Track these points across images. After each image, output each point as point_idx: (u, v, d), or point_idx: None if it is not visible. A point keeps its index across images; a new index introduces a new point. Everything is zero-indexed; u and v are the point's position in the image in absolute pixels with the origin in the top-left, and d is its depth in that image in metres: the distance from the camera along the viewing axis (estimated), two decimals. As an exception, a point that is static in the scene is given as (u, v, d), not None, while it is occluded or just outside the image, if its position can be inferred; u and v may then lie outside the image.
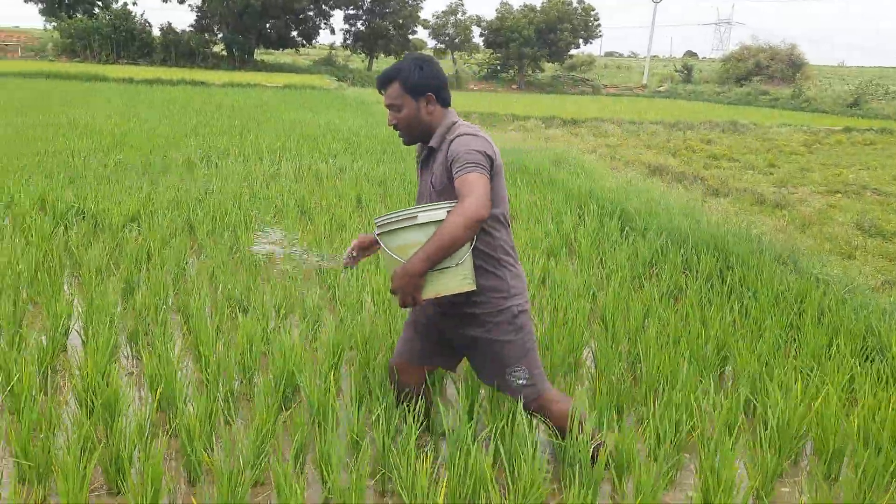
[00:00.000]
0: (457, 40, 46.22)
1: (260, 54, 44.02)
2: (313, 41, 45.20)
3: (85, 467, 2.37)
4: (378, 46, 44.24)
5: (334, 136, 11.44)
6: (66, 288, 4.18)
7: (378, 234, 2.45)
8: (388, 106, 2.59)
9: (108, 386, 2.89)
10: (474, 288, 2.45)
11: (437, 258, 2.32)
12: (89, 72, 25.64)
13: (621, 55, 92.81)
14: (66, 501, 2.29)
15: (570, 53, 45.85)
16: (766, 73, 45.00)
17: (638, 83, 48.03)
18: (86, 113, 13.24)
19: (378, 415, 2.69)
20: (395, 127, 2.60)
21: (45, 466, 2.50)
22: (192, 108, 15.51)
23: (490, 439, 2.75)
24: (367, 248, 2.81)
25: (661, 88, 44.81)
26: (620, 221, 6.17)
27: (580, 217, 6.43)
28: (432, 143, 2.58)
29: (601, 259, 5.21)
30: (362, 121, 14.61)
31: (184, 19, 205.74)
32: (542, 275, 4.79)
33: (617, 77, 53.02)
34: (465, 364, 3.42)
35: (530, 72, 44.74)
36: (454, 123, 2.58)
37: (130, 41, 39.42)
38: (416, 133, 2.60)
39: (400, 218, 2.39)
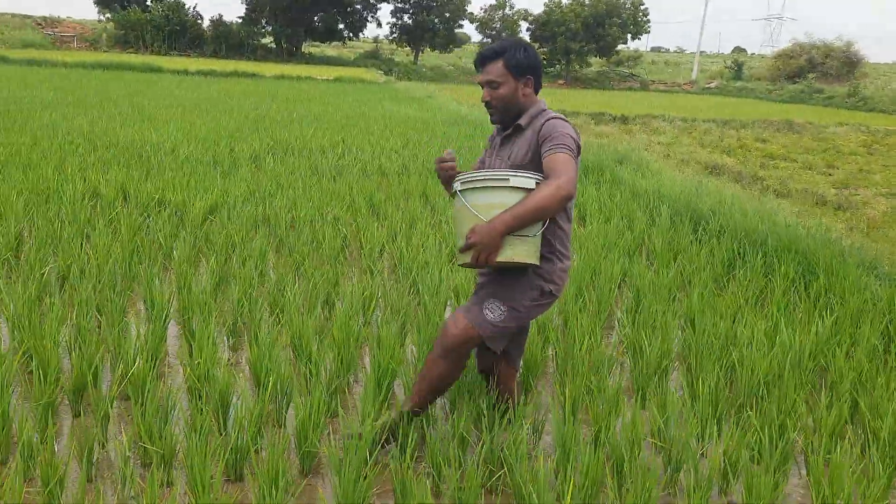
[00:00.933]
0: (503, 34, 46.04)
1: (307, 47, 44.42)
2: (360, 34, 45.44)
3: (205, 455, 2.45)
4: (424, 40, 44.32)
5: (392, 131, 11.52)
6: (156, 280, 4.30)
7: (460, 190, 2.50)
8: (487, 82, 2.64)
9: (218, 376, 2.98)
10: (538, 263, 2.53)
11: (524, 222, 2.39)
12: (145, 63, 26.19)
13: (668, 50, 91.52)
14: (194, 486, 2.38)
15: (617, 49, 45.29)
16: (819, 70, 43.93)
17: (686, 79, 47.31)
18: (150, 104, 13.53)
19: (480, 410, 2.73)
20: (488, 105, 2.66)
21: (168, 452, 2.59)
22: (249, 100, 15.74)
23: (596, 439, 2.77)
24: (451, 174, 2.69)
25: (710, 85, 44.06)
26: (692, 222, 6.12)
27: (651, 217, 6.39)
28: (521, 121, 2.64)
29: (677, 261, 5.18)
30: (418, 114, 14.67)
31: (233, 11, 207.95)
32: (620, 276, 4.78)
33: (664, 73, 52.34)
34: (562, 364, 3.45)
35: (577, 67, 44.37)
36: (545, 110, 2.66)
37: (182, 33, 40.14)
38: (509, 112, 2.66)
39: (490, 177, 2.44)
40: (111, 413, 2.90)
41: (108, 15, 43.00)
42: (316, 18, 42.52)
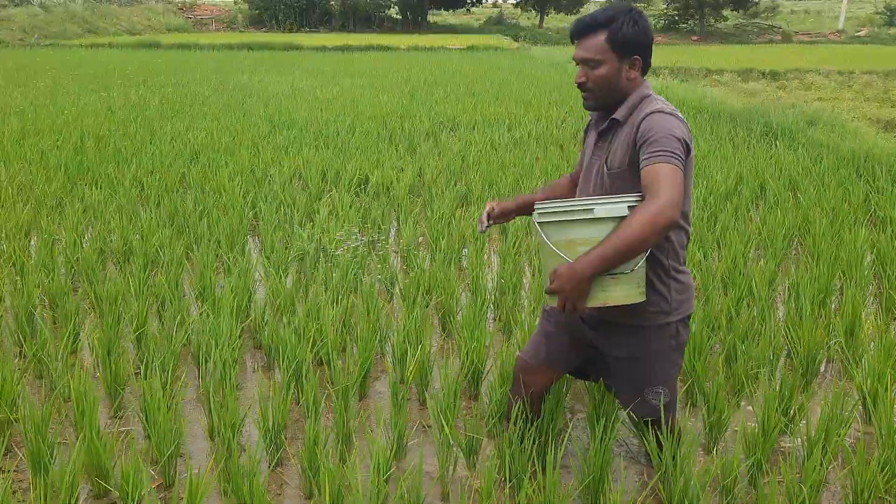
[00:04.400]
0: (632, -9, 44.28)
1: (432, 16, 44.46)
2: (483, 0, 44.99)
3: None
4: (549, 2, 43.30)
5: (550, 101, 11.30)
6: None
7: (539, 224, 2.07)
8: (583, 60, 2.15)
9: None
10: (644, 300, 2.09)
11: (614, 262, 1.97)
12: (285, 41, 27.02)
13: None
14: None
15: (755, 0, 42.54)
16: None
17: (832, 28, 43.85)
18: (310, 83, 13.89)
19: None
20: (582, 86, 2.18)
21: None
22: (396, 74, 15.89)
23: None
24: (505, 216, 2.49)
25: (860, 33, 40.64)
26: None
27: (870, 185, 5.91)
28: (617, 114, 2.17)
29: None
30: (568, 80, 14.35)
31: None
32: (864, 255, 4.43)
33: (807, 22, 48.74)
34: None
35: (712, 21, 42.07)
36: (647, 97, 2.17)
37: (312, 9, 41.13)
38: (609, 98, 2.18)
39: (572, 209, 2.03)
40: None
41: (242, -4, 44.68)
42: (439, -14, 42.43)
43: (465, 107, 10.42)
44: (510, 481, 2.41)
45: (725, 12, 42.65)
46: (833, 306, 3.83)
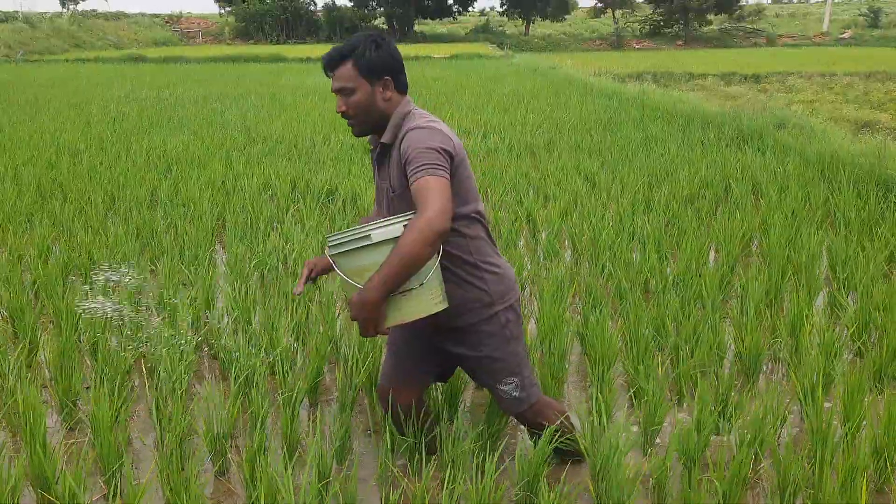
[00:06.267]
0: (617, -3, 44.64)
1: (418, 25, 44.68)
2: (469, 8, 45.23)
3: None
4: (536, 10, 43.58)
5: (527, 107, 11.40)
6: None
7: (331, 256, 2.13)
8: (338, 90, 2.23)
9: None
10: (447, 306, 2.17)
11: (397, 281, 2.03)
12: (271, 53, 27.14)
13: (791, 1, 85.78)
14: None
15: (740, 4, 42.86)
16: (971, 10, 39.94)
17: (817, 31, 44.25)
18: (286, 94, 13.96)
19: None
20: (345, 115, 2.26)
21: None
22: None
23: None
24: (326, 270, 2.44)
25: (844, 35, 41.03)
26: (882, 189, 5.71)
27: (831, 187, 6.00)
28: (384, 138, 2.26)
29: (880, 233, 4.83)
30: (548, 87, 14.46)
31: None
32: (817, 257, 4.51)
33: (791, 25, 49.13)
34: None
35: (696, 26, 42.39)
36: (408, 113, 2.26)
37: (297, 21, 41.33)
38: (371, 122, 2.27)
39: (352, 238, 2.09)
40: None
41: (228, 8, 44.86)
42: (425, -4, 42.66)
43: (443, 116, 10.50)
44: (449, 486, 2.46)
45: (710, 17, 42.99)
46: (785, 308, 3.90)
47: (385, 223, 2.10)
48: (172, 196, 5.99)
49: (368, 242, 2.06)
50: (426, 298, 2.11)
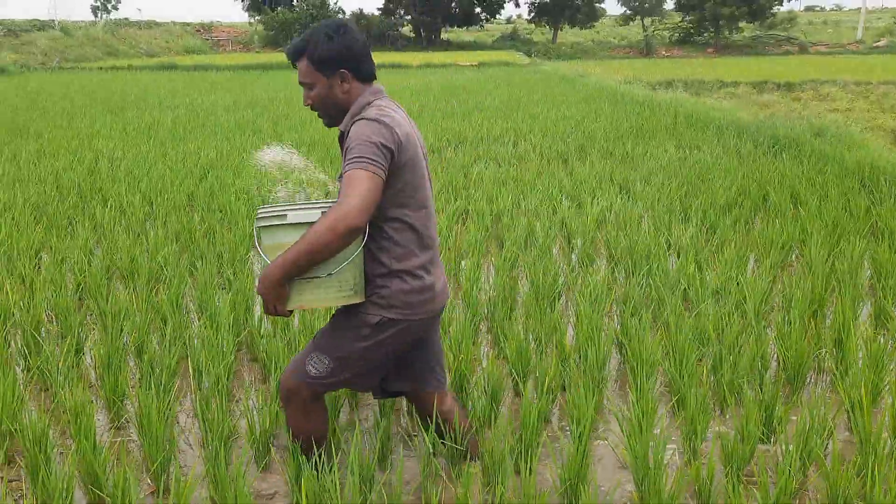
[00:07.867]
0: (647, 5, 44.37)
1: (445, 33, 44.84)
2: (496, 16, 45.31)
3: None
4: (564, 17, 43.51)
5: (557, 115, 11.38)
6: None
7: (255, 227, 2.17)
8: (301, 84, 2.25)
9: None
10: (361, 300, 2.15)
11: (302, 266, 2.02)
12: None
13: (823, 9, 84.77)
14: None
15: (772, 11, 42.37)
16: None
17: (851, 39, 43.64)
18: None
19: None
20: (312, 108, 2.27)
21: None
22: (405, 91, 16.05)
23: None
24: None
25: (879, 43, 40.39)
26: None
27: (872, 197, 5.91)
28: (341, 127, 2.23)
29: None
30: (577, 94, 14.42)
31: (373, 4, 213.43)
32: (860, 266, 4.44)
33: (823, 33, 48.53)
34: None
35: (727, 33, 42.02)
36: (368, 104, 2.20)
37: (326, 29, 41.69)
38: (335, 114, 2.26)
39: (272, 214, 2.12)
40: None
41: (257, 17, 45.37)
42: (453, 4, 42.79)
43: (472, 123, 10.52)
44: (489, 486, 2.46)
45: (741, 24, 42.59)
46: (828, 318, 3.85)
47: (303, 206, 2.13)
48: (210, 201, 6.06)
49: (284, 222, 2.09)
50: (332, 289, 2.11)
